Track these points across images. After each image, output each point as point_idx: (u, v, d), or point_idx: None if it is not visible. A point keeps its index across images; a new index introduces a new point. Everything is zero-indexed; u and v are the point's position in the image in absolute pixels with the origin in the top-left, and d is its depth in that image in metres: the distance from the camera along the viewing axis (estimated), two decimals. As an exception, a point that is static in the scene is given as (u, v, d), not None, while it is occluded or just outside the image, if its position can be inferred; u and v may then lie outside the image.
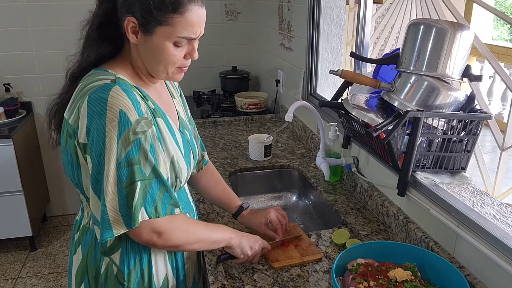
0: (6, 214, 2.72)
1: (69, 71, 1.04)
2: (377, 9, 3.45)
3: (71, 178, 1.03)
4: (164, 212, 0.98)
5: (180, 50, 0.97)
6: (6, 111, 2.79)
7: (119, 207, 0.92)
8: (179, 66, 1.01)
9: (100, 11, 0.98)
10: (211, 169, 1.38)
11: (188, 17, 0.93)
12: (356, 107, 1.29)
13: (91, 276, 1.06)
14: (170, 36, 0.94)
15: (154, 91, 1.07)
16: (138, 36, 0.95)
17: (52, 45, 2.90)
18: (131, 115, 0.91)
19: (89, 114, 0.91)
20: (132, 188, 0.92)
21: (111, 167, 0.90)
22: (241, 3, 3.11)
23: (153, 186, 0.95)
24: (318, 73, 2.10)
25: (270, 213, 1.28)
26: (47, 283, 2.63)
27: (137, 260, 1.05)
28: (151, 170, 0.94)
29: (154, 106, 1.01)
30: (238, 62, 3.18)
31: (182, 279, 1.16)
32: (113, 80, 0.95)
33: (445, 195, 1.14)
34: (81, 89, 0.96)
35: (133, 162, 0.91)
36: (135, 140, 0.91)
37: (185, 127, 1.15)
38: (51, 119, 1.09)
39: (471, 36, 1.17)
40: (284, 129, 2.36)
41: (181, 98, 1.24)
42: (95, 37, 0.99)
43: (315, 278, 1.14)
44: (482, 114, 1.19)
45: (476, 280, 1.02)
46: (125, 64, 1.02)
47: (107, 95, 0.91)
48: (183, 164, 1.06)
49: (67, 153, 0.99)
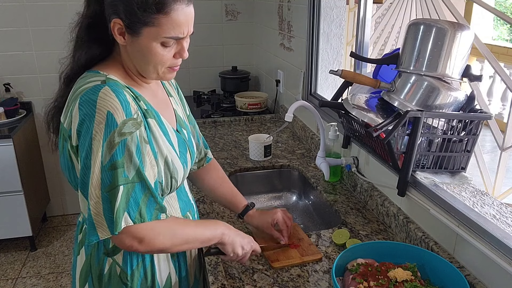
0: (6, 214, 2.72)
1: (62, 73, 1.04)
2: (377, 9, 3.45)
3: (70, 181, 1.03)
4: (149, 217, 0.94)
5: (169, 50, 0.96)
6: (6, 111, 2.79)
7: (103, 211, 0.91)
8: (170, 65, 0.99)
9: (88, 13, 0.98)
10: (216, 167, 1.37)
11: (174, 17, 0.91)
12: (356, 107, 1.29)
13: (95, 277, 1.06)
14: (157, 36, 0.92)
15: (147, 91, 1.06)
16: (125, 37, 0.94)
17: (52, 45, 2.91)
18: (118, 116, 0.90)
19: (80, 116, 0.91)
20: (114, 193, 0.90)
21: (96, 171, 0.90)
22: (241, 3, 3.11)
23: (136, 190, 0.93)
24: (318, 73, 2.10)
25: (277, 214, 1.27)
26: (47, 283, 2.63)
27: (139, 260, 1.06)
28: (135, 173, 0.92)
29: (146, 107, 1.00)
30: (238, 62, 3.18)
31: (184, 276, 1.16)
32: (103, 81, 0.95)
33: (445, 195, 1.14)
34: (74, 92, 0.96)
35: (116, 165, 0.90)
36: (120, 142, 0.90)
37: (182, 125, 1.14)
38: (49, 123, 1.08)
39: (471, 36, 1.17)
40: (284, 129, 2.36)
41: (179, 95, 1.23)
42: (85, 39, 0.99)
43: (315, 278, 1.14)
44: (482, 114, 1.19)
45: (476, 280, 1.02)
46: (116, 65, 1.01)
47: (96, 97, 0.90)
48: (178, 164, 1.05)
49: (64, 156, 1.00)
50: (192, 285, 1.22)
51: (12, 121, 2.78)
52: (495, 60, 1.82)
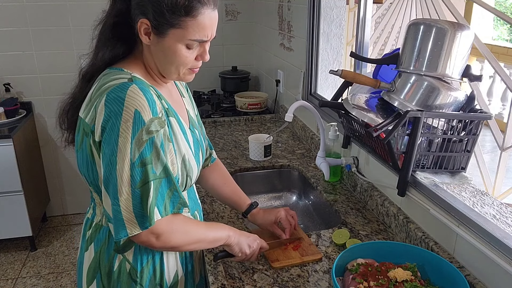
0: (6, 214, 2.72)
1: (82, 70, 1.05)
2: (377, 9, 3.45)
3: (86, 177, 1.03)
4: (171, 211, 0.98)
5: (192, 52, 0.98)
6: (6, 111, 2.80)
7: (133, 208, 0.93)
8: (191, 67, 1.02)
9: (113, 11, 0.99)
10: (220, 166, 1.39)
11: (200, 20, 0.94)
12: (356, 107, 1.29)
13: (104, 273, 1.07)
14: (182, 38, 0.94)
15: (166, 91, 1.08)
16: (151, 37, 0.95)
17: (52, 45, 2.90)
18: (145, 114, 0.92)
19: (106, 113, 0.92)
20: (147, 188, 0.93)
21: (125, 168, 0.91)
22: (241, 3, 3.11)
23: (163, 185, 0.96)
24: (318, 73, 2.10)
25: (281, 212, 1.30)
26: (47, 283, 2.63)
27: (149, 257, 1.07)
28: (162, 169, 0.95)
29: (167, 106, 1.03)
30: (238, 62, 3.18)
31: (190, 274, 1.18)
32: (130, 79, 0.96)
33: (445, 195, 1.14)
34: (98, 88, 0.97)
35: (146, 162, 0.92)
36: (148, 140, 0.92)
37: (194, 125, 1.16)
38: (63, 119, 1.09)
39: (471, 36, 1.17)
40: (284, 129, 2.36)
41: (189, 95, 1.25)
42: (109, 36, 1.00)
43: (315, 278, 1.14)
44: (482, 114, 1.19)
45: (476, 280, 1.02)
46: (138, 63, 1.03)
47: (125, 94, 0.91)
48: (193, 163, 1.08)
49: (82, 152, 1.00)
50: (198, 283, 1.24)
51: (12, 121, 2.78)
52: (495, 60, 1.83)
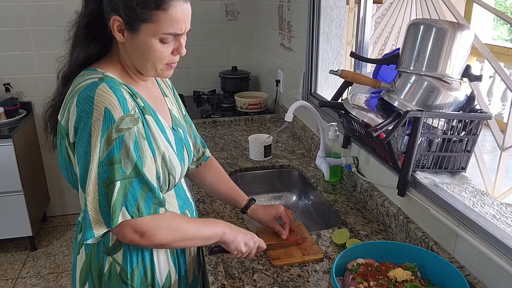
0: (6, 214, 2.72)
1: (60, 72, 1.05)
2: (377, 9, 3.45)
3: (68, 180, 1.04)
4: (148, 211, 0.97)
5: (167, 47, 0.98)
6: (6, 111, 2.79)
7: (99, 207, 0.93)
8: (168, 62, 1.01)
9: (86, 12, 0.99)
10: (215, 165, 1.39)
11: (172, 13, 0.93)
12: (356, 107, 1.29)
13: (95, 276, 1.06)
14: (155, 33, 0.94)
15: (144, 89, 1.08)
16: (125, 34, 0.95)
17: (52, 45, 2.90)
18: (115, 112, 0.91)
19: (78, 113, 0.92)
20: (111, 187, 0.92)
21: (93, 167, 0.91)
22: (241, 3, 3.11)
23: (134, 185, 0.95)
24: (318, 73, 2.10)
25: (280, 207, 1.32)
26: (47, 283, 2.63)
27: (139, 258, 1.06)
28: (132, 169, 0.94)
29: (143, 104, 1.02)
30: (238, 62, 3.18)
31: (183, 274, 1.17)
32: (101, 78, 0.96)
33: (445, 195, 1.14)
34: (72, 89, 0.97)
35: (114, 161, 0.92)
36: (118, 138, 0.92)
37: (178, 124, 1.16)
38: (46, 122, 1.09)
39: (471, 36, 1.17)
40: (284, 129, 2.36)
41: (174, 96, 1.25)
42: (83, 37, 1.00)
43: (315, 278, 1.14)
44: (482, 114, 1.19)
45: (476, 280, 1.02)
46: (114, 62, 1.02)
47: (94, 93, 0.92)
48: (175, 161, 1.07)
49: (61, 155, 1.00)
50: (191, 283, 1.23)
51: (12, 121, 2.78)
52: (495, 60, 1.83)
